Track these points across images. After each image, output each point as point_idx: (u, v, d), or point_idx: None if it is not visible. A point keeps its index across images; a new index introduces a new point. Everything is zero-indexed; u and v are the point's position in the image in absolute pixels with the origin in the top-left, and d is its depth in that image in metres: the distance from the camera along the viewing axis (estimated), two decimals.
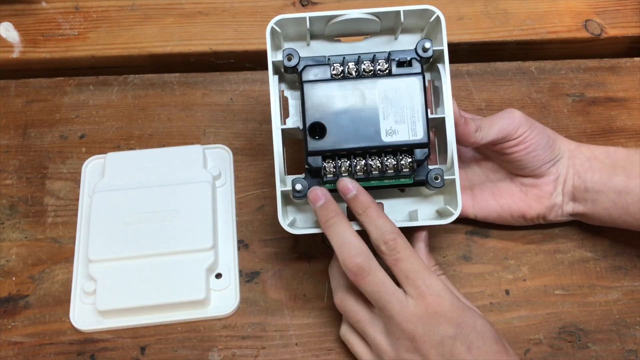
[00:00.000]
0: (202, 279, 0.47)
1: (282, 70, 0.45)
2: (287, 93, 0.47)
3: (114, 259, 0.48)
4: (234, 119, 0.57)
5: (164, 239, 0.48)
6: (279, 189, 0.44)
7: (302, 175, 0.45)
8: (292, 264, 0.51)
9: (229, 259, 0.50)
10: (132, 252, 0.48)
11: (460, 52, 0.62)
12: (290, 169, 0.47)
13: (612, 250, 0.52)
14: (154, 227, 0.49)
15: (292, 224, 0.45)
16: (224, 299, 0.49)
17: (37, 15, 0.62)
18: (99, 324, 0.47)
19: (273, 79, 0.44)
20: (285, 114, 0.46)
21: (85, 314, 0.48)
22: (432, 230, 0.52)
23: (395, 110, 0.43)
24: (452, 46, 0.62)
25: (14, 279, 0.50)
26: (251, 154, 0.55)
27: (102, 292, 0.47)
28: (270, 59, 0.44)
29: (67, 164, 0.55)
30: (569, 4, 0.64)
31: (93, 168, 0.54)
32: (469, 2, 0.64)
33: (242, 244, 0.51)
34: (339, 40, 0.47)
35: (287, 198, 0.46)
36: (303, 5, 0.63)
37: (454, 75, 0.60)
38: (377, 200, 0.46)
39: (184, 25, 0.61)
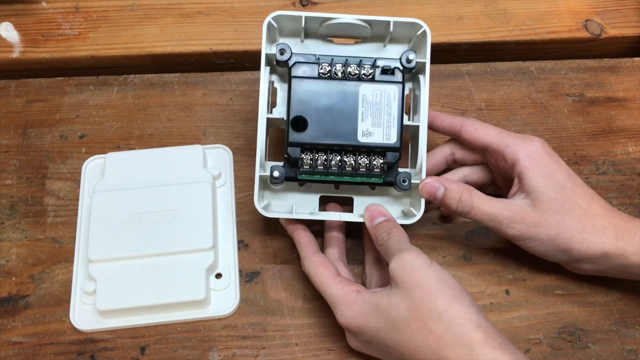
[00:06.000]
0: (202, 279, 0.47)
1: (275, 63, 0.47)
2: (277, 85, 0.49)
3: (114, 259, 0.48)
4: (234, 119, 0.57)
5: (164, 239, 0.48)
6: (258, 173, 0.46)
7: (281, 164, 0.47)
8: (292, 264, 0.51)
9: (229, 259, 0.50)
10: (132, 252, 0.48)
11: (460, 52, 0.62)
12: (271, 155, 0.50)
13: None
14: (154, 227, 0.49)
15: (266, 208, 0.47)
16: (224, 299, 0.49)
17: (37, 15, 0.62)
18: (99, 324, 0.47)
19: (265, 70, 0.47)
20: (273, 104, 0.48)
21: (85, 314, 0.48)
22: (432, 231, 0.52)
23: (374, 113, 0.45)
24: (452, 46, 0.62)
25: (14, 279, 0.50)
26: (251, 154, 0.55)
27: (102, 292, 0.47)
28: (264, 51, 0.46)
29: (67, 164, 0.55)
30: (569, 4, 0.64)
31: (93, 168, 0.54)
32: (469, 2, 0.64)
33: (242, 244, 0.51)
34: (331, 41, 0.48)
35: (265, 183, 0.48)
36: (303, 6, 0.63)
37: (453, 75, 0.60)
38: (348, 195, 0.49)
39: (184, 25, 0.61)
